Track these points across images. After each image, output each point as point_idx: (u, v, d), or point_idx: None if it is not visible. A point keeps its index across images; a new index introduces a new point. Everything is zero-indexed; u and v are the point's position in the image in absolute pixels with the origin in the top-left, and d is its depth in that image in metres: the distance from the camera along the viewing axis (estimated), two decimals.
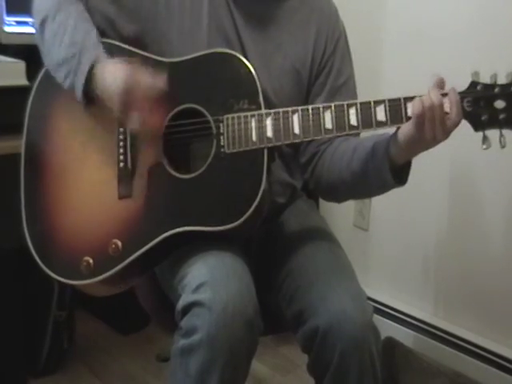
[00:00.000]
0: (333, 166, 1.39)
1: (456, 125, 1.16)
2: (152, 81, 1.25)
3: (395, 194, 1.33)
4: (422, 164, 1.28)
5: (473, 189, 2.02)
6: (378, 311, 2.17)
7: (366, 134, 1.29)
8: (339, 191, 1.43)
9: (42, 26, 1.36)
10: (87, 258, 1.31)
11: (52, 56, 1.35)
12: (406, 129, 1.18)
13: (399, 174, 1.26)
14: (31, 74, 1.62)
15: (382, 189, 1.32)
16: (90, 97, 1.31)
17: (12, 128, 1.50)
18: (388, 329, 2.12)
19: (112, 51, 1.36)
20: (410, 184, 1.28)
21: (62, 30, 1.33)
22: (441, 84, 1.19)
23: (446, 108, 1.16)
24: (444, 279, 2.15)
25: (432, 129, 1.16)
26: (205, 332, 1.14)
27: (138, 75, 1.25)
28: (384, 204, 2.28)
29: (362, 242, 2.39)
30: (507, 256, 1.94)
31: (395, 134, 1.22)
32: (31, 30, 1.92)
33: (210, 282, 1.18)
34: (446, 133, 1.17)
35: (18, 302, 2.04)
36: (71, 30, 1.32)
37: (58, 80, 1.35)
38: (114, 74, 1.26)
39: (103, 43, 1.37)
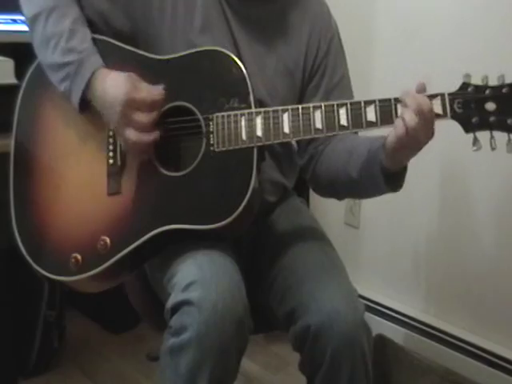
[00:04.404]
0: (330, 170, 1.40)
1: (432, 119, 1.15)
2: (152, 94, 1.27)
3: None
4: (413, 163, 1.28)
5: (463, 188, 2.02)
6: (368, 309, 2.17)
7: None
8: (338, 192, 1.46)
9: (33, 21, 1.35)
10: (76, 255, 1.31)
11: (45, 56, 1.35)
12: (391, 138, 1.18)
13: (394, 181, 1.26)
14: (20, 72, 1.62)
15: (378, 193, 1.34)
16: (85, 104, 1.32)
17: (1, 127, 1.50)
18: (379, 326, 2.12)
19: (103, 48, 1.36)
20: None
21: (57, 32, 1.32)
22: (422, 90, 1.19)
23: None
24: (434, 276, 2.16)
25: (417, 135, 1.15)
26: (194, 331, 1.14)
27: (139, 89, 1.27)
28: (375, 202, 2.24)
29: (352, 240, 2.39)
30: (497, 254, 1.95)
31: (384, 144, 1.22)
32: (20, 27, 1.92)
33: (200, 280, 1.18)
34: (430, 131, 1.16)
35: (8, 301, 2.02)
36: (67, 34, 1.32)
37: (51, 79, 1.35)
38: (115, 87, 1.27)
39: (95, 39, 1.37)
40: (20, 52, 1.44)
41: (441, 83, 1.19)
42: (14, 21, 1.99)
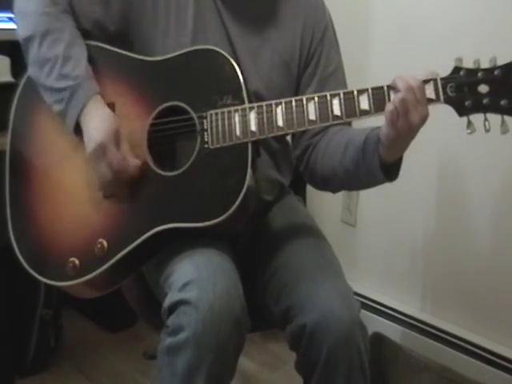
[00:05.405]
0: (326, 162, 1.40)
1: (423, 96, 1.15)
2: (127, 158, 1.28)
3: (383, 190, 1.34)
4: (410, 161, 1.29)
5: (459, 186, 2.02)
6: (365, 306, 2.18)
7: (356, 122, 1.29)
8: (333, 184, 1.45)
9: (27, 42, 1.35)
10: (73, 259, 1.30)
11: (39, 77, 1.35)
12: (385, 122, 1.18)
13: (390, 171, 1.26)
14: (16, 70, 1.61)
15: (374, 184, 1.33)
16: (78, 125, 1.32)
17: None
18: (375, 324, 2.13)
19: (97, 53, 1.37)
20: (397, 180, 1.28)
21: (51, 57, 1.32)
22: None
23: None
24: (431, 274, 2.16)
25: (409, 116, 1.15)
26: (191, 330, 1.13)
27: (118, 141, 1.29)
28: (371, 200, 2.28)
29: (349, 238, 2.39)
30: (493, 252, 1.95)
31: (379, 133, 1.22)
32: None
33: (197, 280, 1.18)
34: (422, 109, 1.16)
35: (4, 300, 2.02)
36: (61, 60, 1.32)
37: (43, 96, 1.35)
38: (98, 123, 1.29)
39: (88, 45, 1.37)
40: (16, 50, 1.44)
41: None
42: (10, 19, 1.98)
